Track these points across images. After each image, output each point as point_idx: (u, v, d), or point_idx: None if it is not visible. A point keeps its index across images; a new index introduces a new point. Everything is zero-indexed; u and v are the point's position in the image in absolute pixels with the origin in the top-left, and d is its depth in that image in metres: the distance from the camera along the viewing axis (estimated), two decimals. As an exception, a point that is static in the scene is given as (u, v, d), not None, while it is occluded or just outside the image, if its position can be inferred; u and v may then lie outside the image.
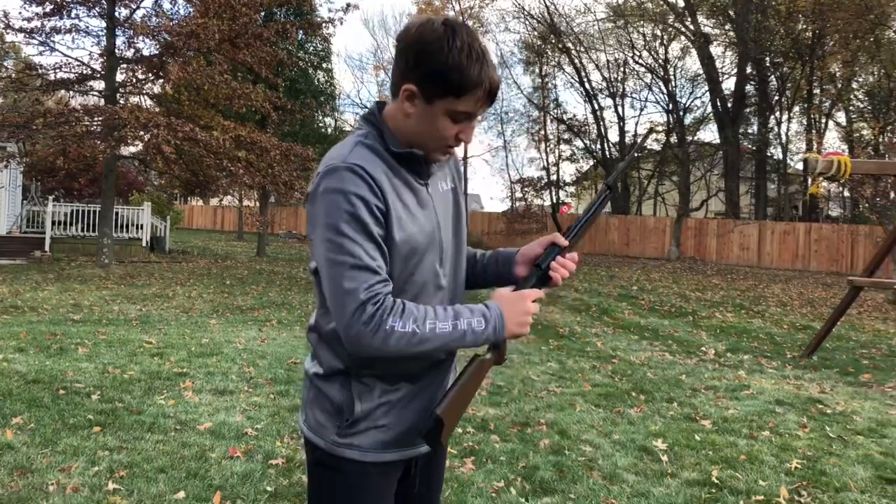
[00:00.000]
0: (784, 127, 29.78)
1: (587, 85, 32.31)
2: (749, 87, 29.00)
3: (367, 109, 1.51)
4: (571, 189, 36.39)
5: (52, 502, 3.12)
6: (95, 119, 14.45)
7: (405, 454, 1.51)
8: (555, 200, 32.49)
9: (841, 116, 29.50)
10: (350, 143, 1.43)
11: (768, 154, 29.58)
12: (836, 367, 7.00)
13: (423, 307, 1.36)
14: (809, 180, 8.05)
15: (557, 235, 1.57)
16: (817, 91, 28.94)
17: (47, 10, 14.71)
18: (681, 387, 5.91)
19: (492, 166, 56.74)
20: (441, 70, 1.33)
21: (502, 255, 1.63)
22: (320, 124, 25.25)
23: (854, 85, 27.18)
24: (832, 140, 31.27)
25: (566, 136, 34.51)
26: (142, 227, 19.54)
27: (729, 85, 29.57)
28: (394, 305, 1.32)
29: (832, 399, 5.62)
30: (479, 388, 1.51)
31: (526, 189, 32.26)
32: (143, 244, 19.13)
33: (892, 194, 14.83)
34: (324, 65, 24.65)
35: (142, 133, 13.99)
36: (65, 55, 15.61)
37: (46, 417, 4.30)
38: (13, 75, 17.85)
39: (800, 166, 30.52)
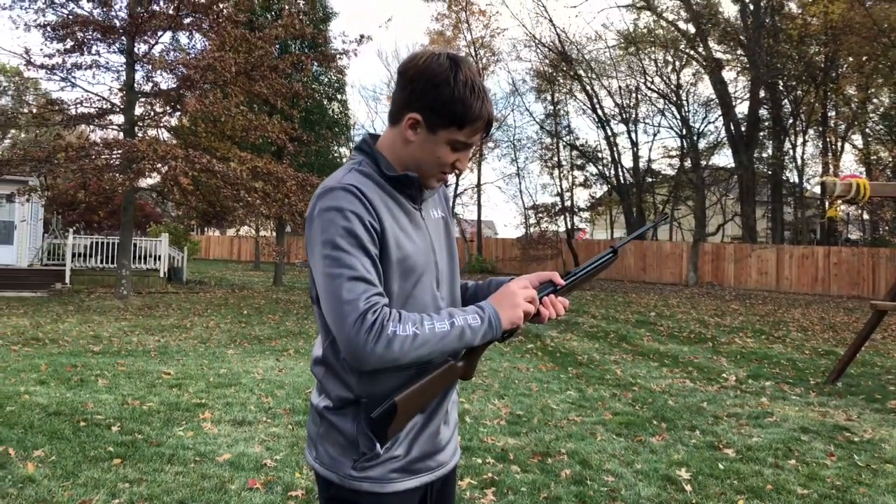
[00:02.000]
0: (799, 150, 29.68)
1: (599, 111, 32.44)
2: (763, 111, 28.97)
3: (359, 140, 1.57)
4: (586, 214, 36.34)
5: (74, 536, 3.11)
6: (115, 152, 14.68)
7: (422, 480, 1.51)
8: (569, 226, 32.43)
9: (857, 139, 29.38)
10: (345, 169, 1.48)
11: (784, 178, 29.44)
12: (862, 393, 6.87)
13: (418, 313, 1.39)
14: (827, 203, 7.98)
15: (555, 275, 1.60)
16: (832, 114, 28.87)
17: (68, 46, 15.04)
18: (702, 414, 5.83)
19: (505, 193, 57.03)
20: (447, 103, 1.40)
21: (495, 283, 1.63)
22: (335, 154, 25.45)
23: (870, 107, 27.08)
24: (849, 162, 31.14)
25: (579, 161, 34.56)
26: (159, 258, 19.72)
27: (742, 109, 29.58)
28: (391, 312, 1.34)
29: (859, 426, 5.51)
30: (440, 393, 1.49)
31: (540, 215, 32.25)
32: (161, 275, 19.28)
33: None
34: (338, 96, 24.95)
35: (159, 165, 14.18)
36: (85, 90, 15.99)
37: (67, 450, 4.31)
38: (34, 110, 18.20)
39: (817, 190, 30.38)
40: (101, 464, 4.08)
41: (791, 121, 28.92)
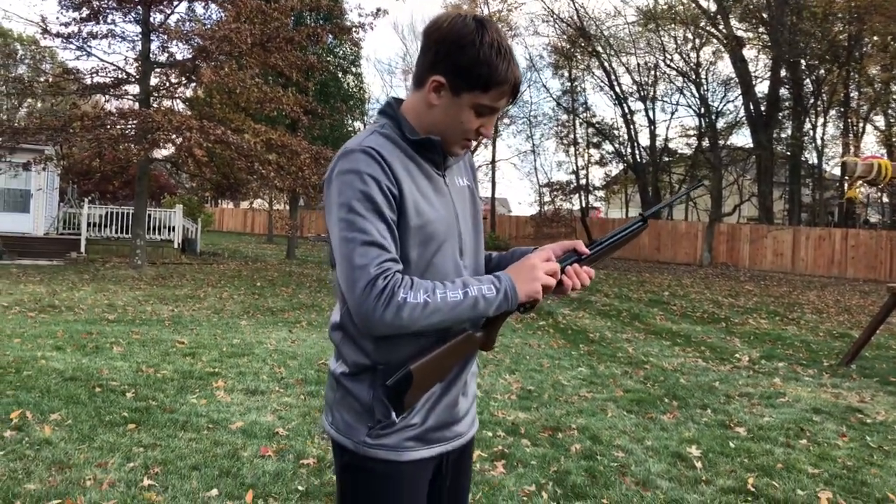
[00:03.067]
0: (819, 131, 29.26)
1: (617, 88, 32.09)
2: (783, 91, 28.54)
3: (383, 105, 1.53)
4: (601, 193, 36.13)
5: (90, 497, 3.16)
6: (130, 122, 14.70)
7: (436, 450, 1.50)
8: (584, 204, 32.27)
9: (879, 120, 28.89)
10: (366, 132, 1.46)
11: (803, 158, 29.07)
12: (876, 376, 6.82)
13: (431, 281, 1.36)
14: (847, 184, 7.88)
15: (579, 243, 1.54)
16: (854, 94, 28.36)
17: (84, 15, 15.00)
18: (714, 393, 5.81)
19: (520, 170, 56.68)
20: (471, 65, 1.36)
21: (518, 253, 1.60)
22: (350, 128, 25.36)
23: (893, 88, 26.58)
24: (870, 144, 30.70)
25: (595, 139, 34.29)
26: (173, 230, 19.84)
27: (762, 88, 29.16)
28: (403, 279, 1.32)
29: (872, 408, 5.48)
30: (458, 364, 1.47)
31: (555, 193, 32.11)
32: (175, 246, 19.41)
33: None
34: (353, 69, 24.79)
35: (174, 136, 14.19)
36: (101, 60, 15.96)
37: (83, 414, 4.37)
38: (50, 80, 18.23)
39: (836, 171, 30.00)
40: (116, 428, 4.13)
41: (812, 101, 28.45)
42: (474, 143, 1.54)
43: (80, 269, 14.52)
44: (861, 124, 28.94)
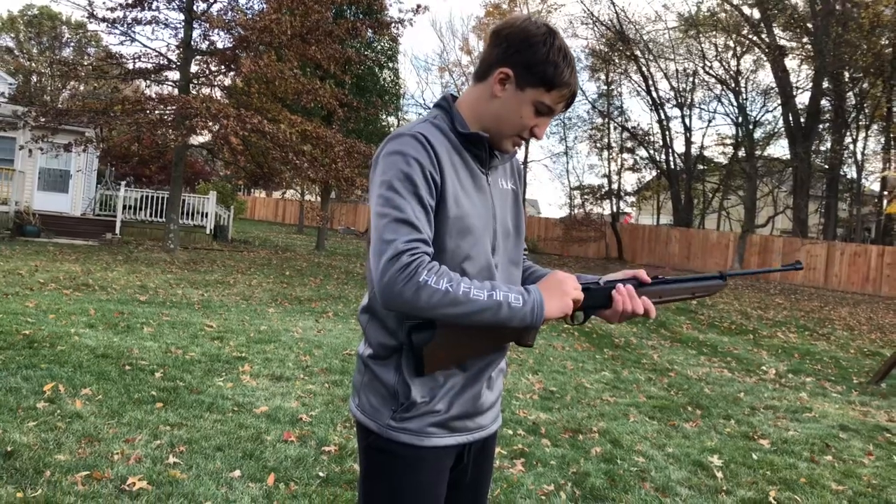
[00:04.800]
0: (860, 145, 28.63)
1: (654, 93, 31.75)
2: (824, 103, 28.00)
3: (439, 98, 1.58)
4: (632, 199, 35.81)
5: (117, 471, 3.23)
6: (169, 108, 14.95)
7: (459, 440, 1.52)
8: (615, 210, 32.01)
9: (923, 137, 28.20)
10: (419, 120, 1.51)
11: (841, 172, 28.49)
12: (906, 395, 6.69)
13: (460, 276, 1.37)
14: (886, 200, 7.73)
15: (642, 272, 1.56)
16: (898, 109, 27.72)
17: (130, 1, 15.29)
18: (739, 405, 5.75)
19: (552, 171, 56.40)
20: (540, 61, 1.43)
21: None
22: (384, 123, 25.51)
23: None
24: (912, 161, 29.96)
25: (629, 144, 33.98)
26: (206, 216, 20.11)
27: (803, 99, 28.63)
28: (430, 262, 1.33)
29: (901, 428, 5.38)
30: (490, 347, 1.49)
31: (585, 196, 31.90)
32: (207, 232, 19.68)
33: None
34: (390, 64, 24.92)
35: (211, 123, 14.39)
36: (144, 45, 16.23)
37: (113, 391, 4.47)
38: (94, 63, 18.60)
39: (875, 186, 29.37)
40: (144, 406, 4.22)
41: (854, 114, 27.88)
42: (524, 143, 1.57)
43: (115, 251, 14.80)
44: (904, 141, 28.27)
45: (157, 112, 14.97)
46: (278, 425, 4.12)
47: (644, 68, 31.27)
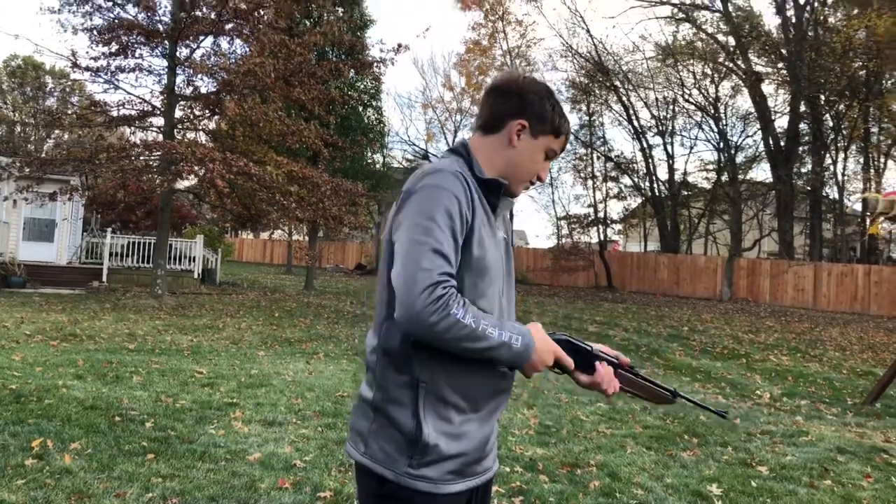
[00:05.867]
0: (840, 166, 29.08)
1: (635, 122, 32.19)
2: (803, 126, 28.48)
3: (455, 144, 1.66)
4: (619, 227, 36.03)
5: (107, 527, 3.16)
6: (154, 154, 14.99)
7: (470, 484, 1.53)
8: (602, 238, 32.18)
9: (901, 155, 28.71)
10: (448, 160, 1.57)
11: (823, 193, 28.87)
12: (901, 415, 6.69)
13: (479, 310, 1.43)
14: (869, 220, 7.83)
15: (623, 357, 1.65)
16: (875, 130, 28.24)
17: (113, 49, 15.41)
18: (735, 431, 5.73)
19: (537, 202, 56.77)
20: (550, 113, 1.60)
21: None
22: (369, 161, 25.64)
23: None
24: (892, 179, 30.49)
25: (614, 173, 34.31)
26: (194, 260, 20.03)
27: (782, 123, 29.12)
28: (458, 296, 1.38)
29: (898, 448, 5.37)
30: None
31: (573, 226, 32.08)
32: (195, 276, 19.59)
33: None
34: (374, 103, 25.12)
35: (197, 167, 14.43)
36: (128, 93, 16.30)
37: (103, 443, 4.39)
38: (78, 112, 18.65)
39: (857, 206, 29.74)
40: (135, 458, 4.15)
41: (832, 136, 28.36)
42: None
43: (102, 298, 14.68)
44: (882, 160, 28.77)
45: (142, 158, 15.00)
46: (272, 472, 4.06)
47: (624, 98, 31.76)
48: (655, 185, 32.57)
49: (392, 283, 1.40)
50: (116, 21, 15.36)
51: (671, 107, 32.47)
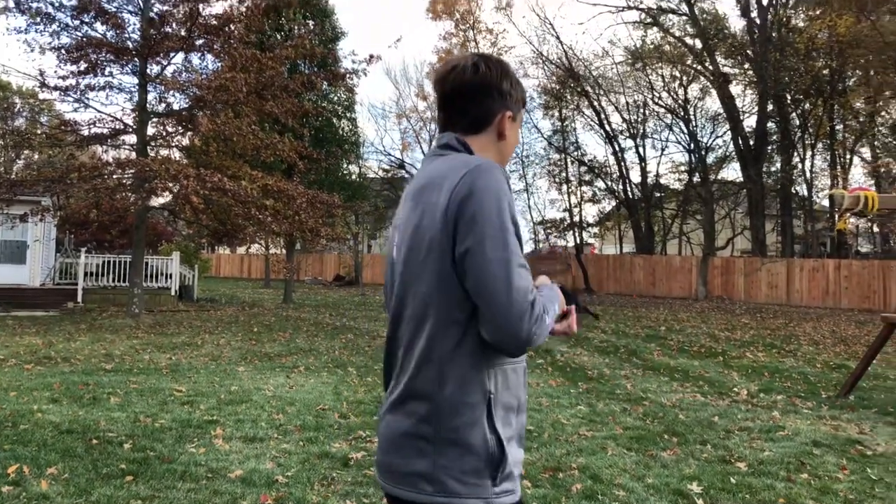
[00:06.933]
0: (808, 163, 29.63)
1: (607, 126, 32.53)
2: (771, 125, 28.99)
3: (448, 139, 1.56)
4: (595, 230, 36.34)
5: (88, 552, 3.14)
6: (127, 172, 14.84)
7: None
8: (579, 241, 32.41)
9: (866, 152, 29.32)
10: (477, 156, 1.50)
11: (793, 191, 29.37)
12: (875, 406, 6.83)
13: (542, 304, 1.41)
14: (836, 216, 7.99)
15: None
16: (840, 127, 28.82)
17: (82, 68, 15.24)
18: (714, 428, 5.81)
19: (514, 209, 57.22)
20: (520, 89, 1.63)
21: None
22: (345, 172, 25.60)
23: (878, 120, 27.03)
24: (858, 175, 31.10)
25: (587, 177, 34.62)
26: (171, 277, 19.84)
27: (750, 123, 29.63)
28: (539, 302, 1.38)
29: (872, 440, 5.48)
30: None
31: (549, 230, 32.29)
32: (172, 293, 19.40)
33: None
34: (348, 114, 25.12)
35: (171, 184, 14.31)
36: (98, 111, 16.13)
37: (80, 467, 4.35)
38: (48, 132, 18.42)
39: (826, 203, 30.28)
40: (113, 481, 4.11)
41: (799, 134, 28.89)
42: None
43: (77, 319, 14.49)
44: (848, 156, 29.35)
45: (115, 177, 14.84)
46: (254, 489, 4.05)
47: (595, 103, 32.09)
48: (629, 188, 32.92)
49: (481, 299, 1.33)
50: (84, 39, 15.19)
51: (642, 110, 32.89)
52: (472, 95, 1.54)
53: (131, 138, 16.39)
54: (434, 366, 1.38)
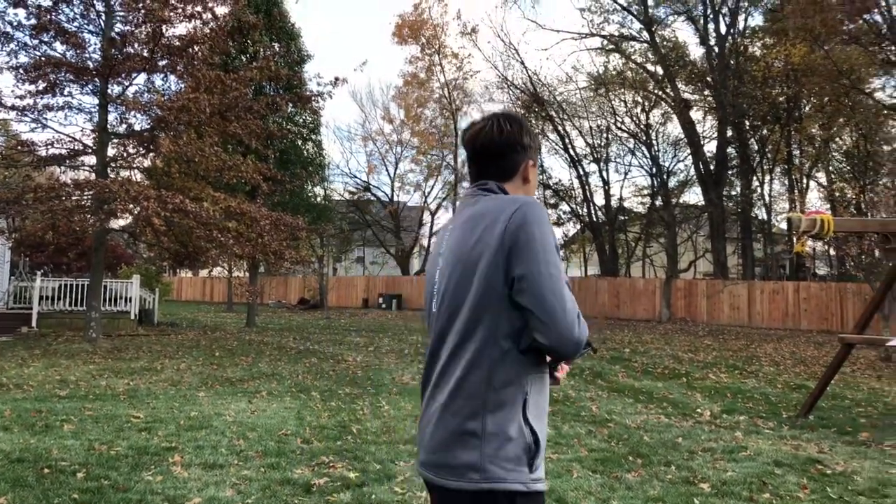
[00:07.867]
0: (766, 188, 30.38)
1: (571, 151, 32.98)
2: (730, 150, 29.69)
3: (489, 185, 1.82)
4: (560, 253, 36.62)
5: (35, 587, 3.00)
6: (86, 193, 14.53)
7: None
8: (544, 264, 32.57)
9: (822, 176, 30.16)
10: (524, 196, 1.76)
11: (753, 214, 30.03)
12: (834, 426, 6.94)
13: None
14: (794, 239, 8.15)
15: None
16: (797, 152, 29.63)
17: (40, 87, 14.94)
18: (678, 450, 5.83)
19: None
20: (537, 140, 1.91)
21: None
22: (310, 194, 25.46)
23: (832, 146, 27.87)
24: (814, 199, 31.92)
25: (552, 200, 34.97)
26: (130, 301, 19.41)
27: (711, 148, 30.29)
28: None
29: (831, 459, 5.56)
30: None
31: (515, 254, 32.38)
32: (132, 317, 18.97)
33: (876, 252, 15.02)
34: (313, 136, 25.04)
35: (131, 206, 14.06)
36: (57, 132, 15.74)
37: (31, 497, 4.18)
38: (3, 152, 17.99)
39: (784, 226, 30.99)
40: (65, 511, 3.96)
41: (758, 159, 29.64)
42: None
43: (31, 345, 14.06)
44: (805, 181, 30.16)
45: (73, 198, 14.53)
46: (212, 518, 3.93)
47: (560, 127, 32.54)
48: (593, 211, 33.33)
49: (541, 312, 1.57)
50: (43, 59, 14.93)
51: (605, 134, 33.43)
52: (500, 152, 1.82)
53: (91, 159, 16.09)
54: (483, 371, 1.62)
